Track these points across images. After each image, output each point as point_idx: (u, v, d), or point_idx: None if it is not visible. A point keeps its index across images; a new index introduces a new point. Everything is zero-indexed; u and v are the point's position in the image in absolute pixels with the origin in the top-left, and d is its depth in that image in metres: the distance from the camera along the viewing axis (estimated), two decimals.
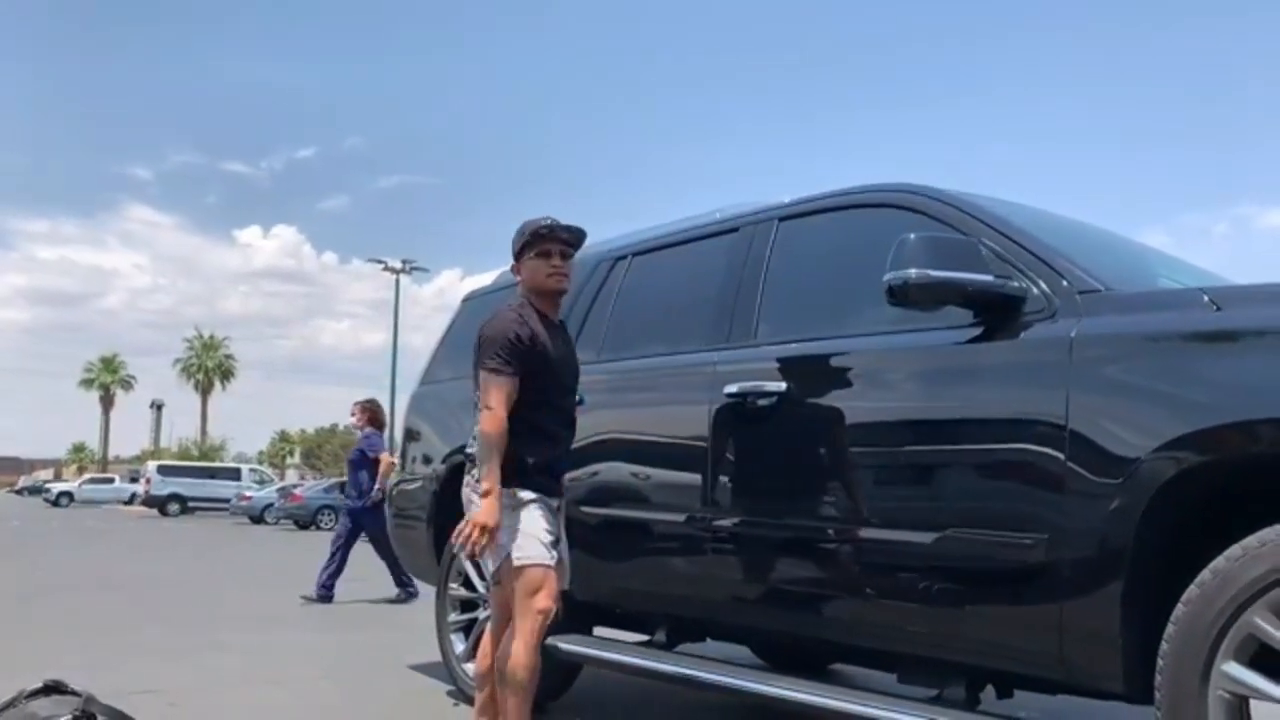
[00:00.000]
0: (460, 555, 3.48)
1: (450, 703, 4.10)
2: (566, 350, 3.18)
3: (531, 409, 2.99)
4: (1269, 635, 1.99)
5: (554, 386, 3.06)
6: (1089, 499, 2.28)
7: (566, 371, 3.14)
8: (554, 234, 3.06)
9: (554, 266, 3.06)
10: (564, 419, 3.13)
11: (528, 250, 3.09)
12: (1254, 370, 2.14)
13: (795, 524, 2.97)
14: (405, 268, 34.37)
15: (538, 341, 3.00)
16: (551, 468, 3.05)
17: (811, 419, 3.03)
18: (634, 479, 3.50)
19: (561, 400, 3.10)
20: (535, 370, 2.99)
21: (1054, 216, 3.29)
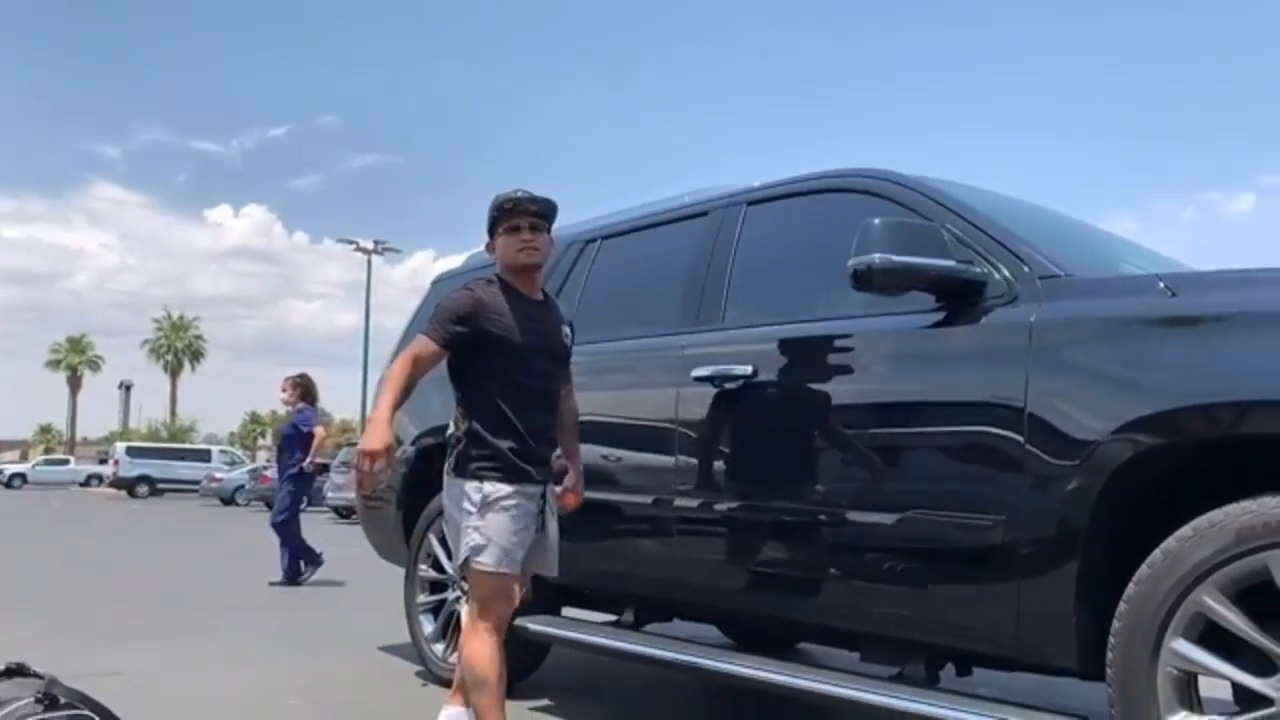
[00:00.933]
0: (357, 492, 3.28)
1: (419, 683, 4.12)
2: (544, 328, 2.95)
3: (489, 387, 2.84)
4: (1217, 613, 2.05)
5: (517, 365, 2.85)
6: (1046, 481, 2.33)
7: (538, 349, 2.90)
8: (521, 207, 2.93)
9: (524, 241, 2.91)
10: (531, 399, 2.88)
11: (498, 226, 2.97)
12: (1206, 355, 2.19)
13: (760, 506, 3.01)
14: (377, 248, 34.13)
15: (489, 316, 2.83)
16: (524, 451, 2.83)
17: (777, 402, 3.06)
18: (603, 461, 3.52)
19: (528, 379, 2.87)
20: (488, 346, 2.83)
21: (1018, 202, 3.33)
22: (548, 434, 2.96)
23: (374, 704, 3.83)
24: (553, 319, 3.03)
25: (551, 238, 3.04)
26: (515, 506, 2.78)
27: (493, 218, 2.98)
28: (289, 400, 8.34)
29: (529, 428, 2.85)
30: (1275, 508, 1.98)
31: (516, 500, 2.78)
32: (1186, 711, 2.09)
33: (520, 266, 2.94)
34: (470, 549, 2.76)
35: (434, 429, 4.38)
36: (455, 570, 4.08)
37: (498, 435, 2.82)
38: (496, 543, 2.74)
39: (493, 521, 2.75)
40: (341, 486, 18.95)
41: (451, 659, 3.99)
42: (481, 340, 2.84)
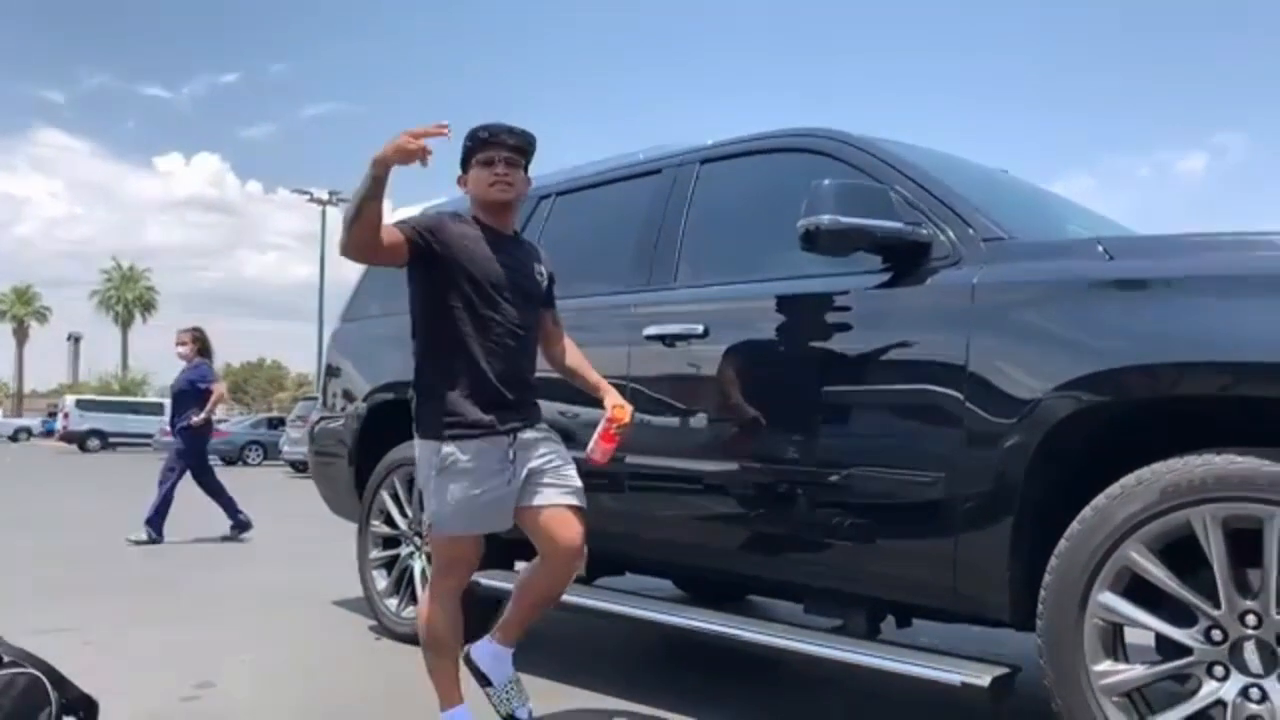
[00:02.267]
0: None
1: (373, 638, 4.15)
2: (515, 264, 2.73)
3: (451, 328, 2.62)
4: (1142, 567, 2.13)
5: (482, 301, 2.63)
6: (985, 439, 2.39)
7: (507, 285, 2.67)
8: (497, 139, 2.71)
9: (497, 175, 2.69)
10: (498, 340, 2.65)
11: (472, 157, 2.75)
12: (1141, 318, 2.25)
13: (709, 462, 3.05)
14: (332, 199, 33.55)
15: (455, 240, 2.62)
16: (488, 398, 2.62)
17: (727, 361, 3.09)
18: (556, 418, 3.52)
19: (496, 318, 2.64)
20: (451, 275, 2.61)
21: (966, 163, 3.37)
22: (519, 377, 2.72)
23: (327, 659, 3.86)
24: (524, 255, 2.81)
25: (528, 176, 2.82)
26: (474, 469, 2.60)
27: (467, 148, 2.75)
28: (186, 355, 7.97)
29: (496, 371, 2.63)
30: (1198, 466, 2.06)
31: (475, 462, 2.60)
32: (1111, 661, 2.18)
33: (492, 202, 2.72)
34: (430, 514, 2.68)
35: (387, 385, 4.37)
36: (407, 528, 4.10)
37: (458, 384, 2.61)
38: (453, 508, 2.62)
39: (450, 487, 2.61)
40: (297, 441, 18.80)
41: (405, 613, 4.03)
42: (444, 265, 2.61)
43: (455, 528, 2.65)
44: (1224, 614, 2.03)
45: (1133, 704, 2.15)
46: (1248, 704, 1.99)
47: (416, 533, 4.06)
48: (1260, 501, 1.97)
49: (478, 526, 2.68)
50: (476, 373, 2.63)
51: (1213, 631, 2.05)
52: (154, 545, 7.32)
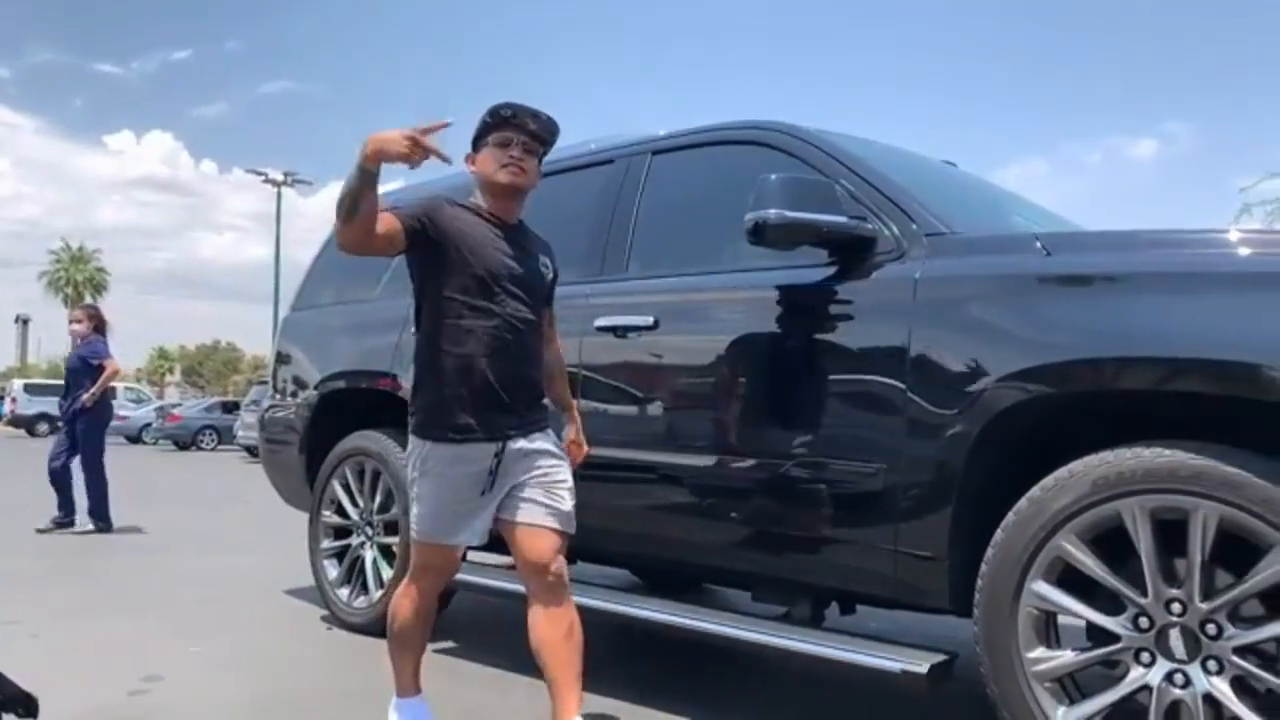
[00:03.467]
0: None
1: (324, 628, 4.13)
2: (517, 254, 2.53)
3: (446, 323, 2.45)
4: (1074, 557, 2.19)
5: (480, 294, 2.45)
6: (925, 430, 2.44)
7: (507, 277, 2.49)
8: (519, 119, 2.52)
9: (511, 158, 2.50)
10: (495, 336, 2.46)
11: (487, 135, 2.55)
12: (1076, 313, 2.30)
13: (658, 453, 3.08)
14: (287, 180, 33.07)
15: (452, 225, 2.45)
16: (480, 400, 2.45)
17: (677, 353, 3.11)
18: None
19: (494, 312, 2.46)
20: (447, 265, 2.44)
21: (913, 156, 3.41)
22: (520, 377, 2.52)
23: (278, 649, 3.84)
24: (528, 245, 2.61)
25: (540, 168, 2.61)
26: (449, 476, 2.47)
27: (484, 125, 2.55)
28: (82, 333, 7.65)
29: (493, 369, 2.45)
30: (1127, 459, 2.12)
31: (451, 468, 2.46)
32: (1044, 647, 2.24)
33: (500, 186, 2.52)
34: (413, 516, 2.57)
35: (339, 373, 4.34)
36: (359, 518, 4.09)
37: (450, 382, 2.45)
38: (428, 512, 2.52)
39: (426, 488, 2.50)
40: (252, 425, 18.58)
41: (357, 603, 4.02)
42: (441, 252, 2.44)
43: (425, 533, 2.55)
44: (1151, 602, 2.10)
45: (1064, 689, 2.22)
46: (1172, 689, 2.06)
47: (368, 523, 4.05)
48: (1185, 493, 2.04)
49: (446, 536, 2.53)
50: (471, 370, 2.44)
51: (1140, 619, 2.12)
52: (102, 535, 7.20)
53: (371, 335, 4.18)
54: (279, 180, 32.86)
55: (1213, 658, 2.03)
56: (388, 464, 3.91)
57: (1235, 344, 2.04)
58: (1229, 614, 2.03)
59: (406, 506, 3.75)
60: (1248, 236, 2.28)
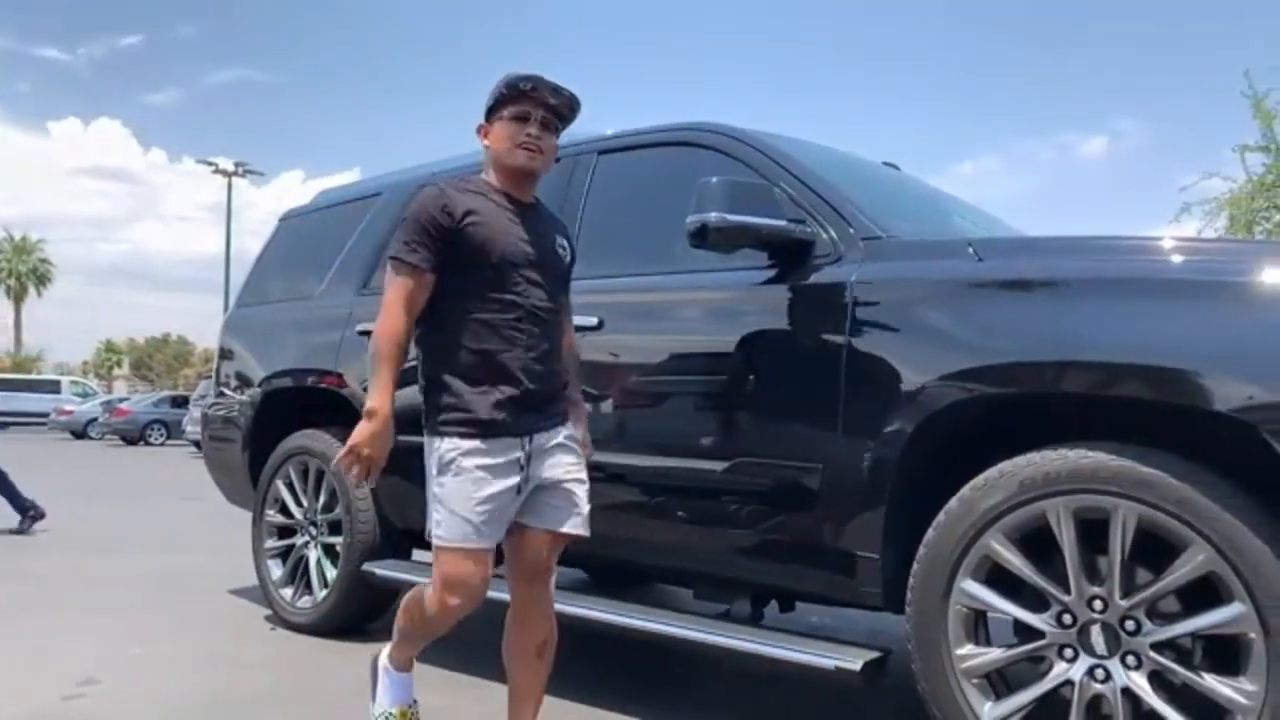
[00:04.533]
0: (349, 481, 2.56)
1: (268, 628, 4.10)
2: (534, 237, 2.36)
3: (461, 313, 2.28)
4: (1001, 556, 2.24)
5: (499, 281, 2.28)
6: (859, 431, 2.48)
7: (526, 261, 2.32)
8: (539, 93, 2.32)
9: (528, 135, 2.31)
10: (516, 324, 2.29)
11: (501, 109, 2.34)
12: (1006, 317, 2.36)
13: (603, 453, 3.08)
14: (238, 170, 32.52)
15: (471, 221, 2.27)
16: (505, 393, 2.28)
17: (622, 353, 3.12)
18: None
19: (514, 299, 2.29)
20: (469, 258, 2.27)
21: (854, 159, 3.46)
22: (543, 367, 2.33)
23: (220, 650, 3.79)
24: (545, 227, 2.44)
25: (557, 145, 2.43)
26: (481, 467, 2.25)
27: (499, 96, 2.34)
28: None
29: (515, 361, 2.28)
30: (1053, 460, 2.18)
31: (483, 459, 2.25)
32: (972, 644, 2.29)
33: (515, 169, 2.35)
34: (432, 522, 2.31)
35: (284, 371, 4.31)
36: (303, 518, 4.06)
37: (470, 376, 2.27)
38: (455, 512, 2.25)
39: (451, 487, 2.26)
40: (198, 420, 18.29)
41: (300, 603, 4.00)
42: (455, 248, 2.27)
43: (455, 537, 2.26)
44: (1074, 600, 2.16)
45: (991, 685, 2.27)
46: (1093, 683, 2.12)
47: (312, 522, 4.02)
48: (1106, 494, 2.10)
49: (479, 537, 2.26)
50: (492, 363, 2.27)
51: (1064, 616, 2.18)
52: (31, 534, 7.01)
53: (316, 333, 4.15)
54: (230, 171, 32.33)
55: (1131, 653, 2.09)
56: (332, 463, 3.87)
57: (1157, 350, 2.10)
58: (1147, 611, 2.09)
59: (350, 505, 3.78)
60: (1174, 244, 2.35)
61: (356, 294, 4.06)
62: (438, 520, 2.30)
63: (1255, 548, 1.95)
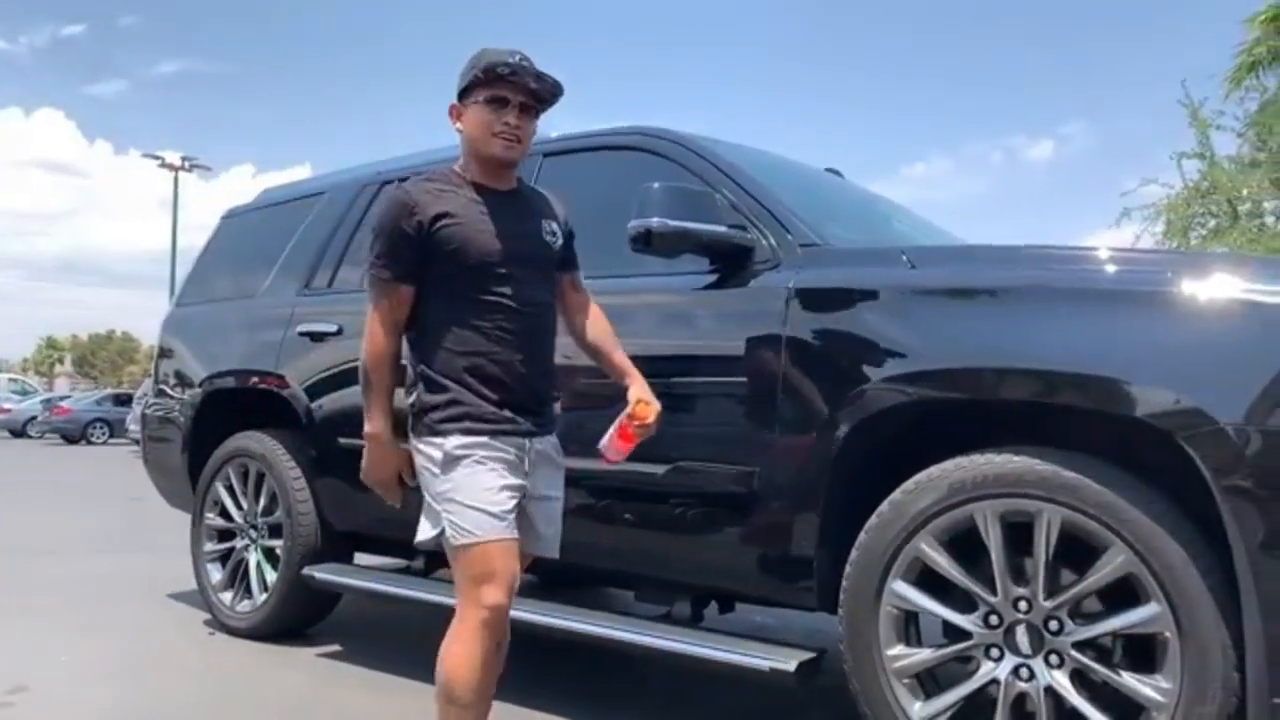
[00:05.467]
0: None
1: (206, 632, 4.04)
2: (517, 226, 2.22)
3: (445, 313, 2.17)
4: (931, 558, 2.29)
5: (481, 278, 2.16)
6: (796, 435, 2.52)
7: (510, 254, 2.18)
8: (519, 78, 2.15)
9: (505, 124, 2.17)
10: (504, 322, 2.17)
11: (476, 92, 2.18)
12: (934, 323, 2.41)
13: None
14: (185, 164, 31.89)
15: (443, 224, 2.13)
16: (498, 393, 2.16)
17: (566, 355, 3.12)
18: None
19: (499, 295, 2.17)
20: (446, 262, 2.15)
21: (796, 166, 3.50)
22: (534, 367, 2.22)
23: (157, 656, 3.73)
24: (528, 214, 2.29)
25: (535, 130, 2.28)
26: (488, 457, 2.12)
27: (474, 79, 2.18)
28: None
29: (503, 363, 2.17)
30: (982, 464, 2.23)
31: (492, 451, 2.13)
32: (903, 645, 2.34)
33: (492, 159, 2.21)
34: (446, 524, 2.11)
35: (225, 372, 4.25)
36: (243, 521, 4.01)
37: (459, 376, 2.15)
38: (469, 505, 2.08)
39: (461, 479, 2.10)
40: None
41: (240, 607, 3.95)
42: (429, 254, 2.15)
43: (481, 529, 2.07)
44: (1000, 601, 2.21)
45: (921, 684, 2.31)
46: (1018, 682, 2.18)
47: (252, 525, 3.97)
48: (1031, 497, 2.15)
49: (508, 526, 2.11)
50: (484, 373, 2.16)
51: (990, 617, 2.23)
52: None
53: (257, 333, 4.10)
54: (176, 165, 31.69)
55: (1054, 652, 2.15)
56: (272, 466, 3.84)
57: (1081, 358, 2.16)
58: (1070, 611, 2.15)
59: (290, 508, 3.74)
60: (1100, 254, 2.41)
61: (298, 294, 4.02)
62: (450, 519, 2.10)
63: (1171, 550, 2.01)
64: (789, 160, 3.51)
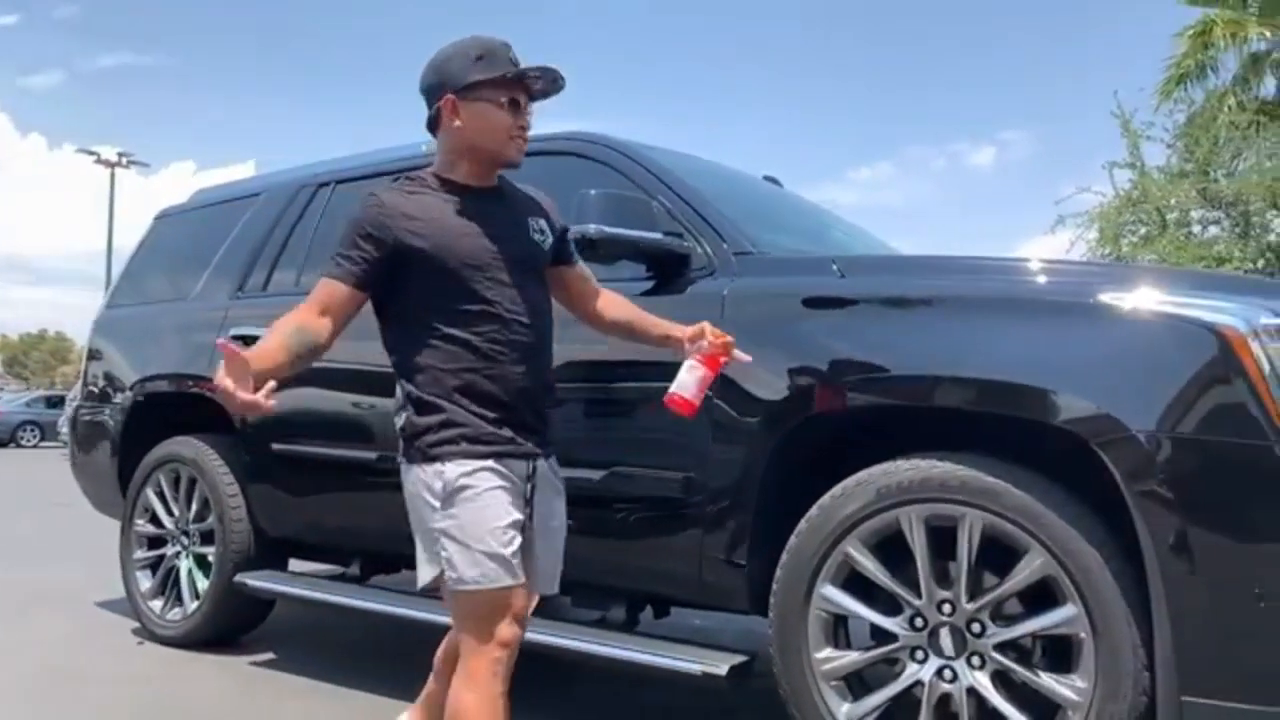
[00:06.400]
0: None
1: (135, 641, 3.96)
2: (501, 227, 2.09)
3: (431, 329, 2.02)
4: (858, 562, 2.33)
5: (470, 285, 2.01)
6: (728, 440, 2.55)
7: (499, 260, 2.05)
8: (528, 77, 2.07)
9: (521, 128, 2.09)
10: (495, 333, 2.02)
11: (487, 90, 2.04)
12: (863, 331, 2.45)
13: None
14: (121, 161, 31.15)
15: (408, 228, 2.00)
16: (496, 411, 2.01)
17: None
18: (328, 416, 3.48)
19: (489, 300, 2.02)
20: (416, 269, 2.01)
21: (731, 174, 3.55)
22: (530, 380, 2.07)
23: (79, 668, 3.64)
24: (513, 213, 2.16)
25: None
26: (493, 487, 1.97)
27: (489, 79, 2.04)
28: None
29: (496, 378, 2.02)
30: (907, 470, 2.27)
31: (494, 481, 1.98)
32: (831, 648, 2.38)
33: (498, 160, 2.12)
34: (445, 564, 1.96)
35: (156, 375, 4.17)
36: (174, 527, 3.93)
37: (452, 395, 2.00)
38: (474, 547, 1.93)
39: (466, 517, 1.94)
40: None
41: (170, 616, 3.87)
42: (404, 263, 2.02)
43: (486, 576, 1.93)
44: (924, 603, 2.26)
45: (849, 686, 2.36)
46: (941, 683, 2.23)
47: (184, 532, 3.90)
48: (954, 502, 2.20)
49: (511, 567, 1.95)
50: (473, 384, 2.01)
51: (915, 619, 2.28)
52: None
53: (189, 336, 4.03)
54: (112, 161, 30.95)
55: (976, 653, 2.20)
56: (205, 471, 3.78)
57: (1002, 366, 2.22)
58: (992, 613, 2.20)
59: (223, 515, 3.68)
60: (1025, 265, 2.48)
61: (231, 297, 3.97)
62: (451, 560, 1.94)
63: (1087, 553, 2.08)
64: (726, 168, 3.55)
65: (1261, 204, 11.74)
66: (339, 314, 2.05)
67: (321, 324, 2.03)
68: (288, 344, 1.97)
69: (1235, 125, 12.18)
